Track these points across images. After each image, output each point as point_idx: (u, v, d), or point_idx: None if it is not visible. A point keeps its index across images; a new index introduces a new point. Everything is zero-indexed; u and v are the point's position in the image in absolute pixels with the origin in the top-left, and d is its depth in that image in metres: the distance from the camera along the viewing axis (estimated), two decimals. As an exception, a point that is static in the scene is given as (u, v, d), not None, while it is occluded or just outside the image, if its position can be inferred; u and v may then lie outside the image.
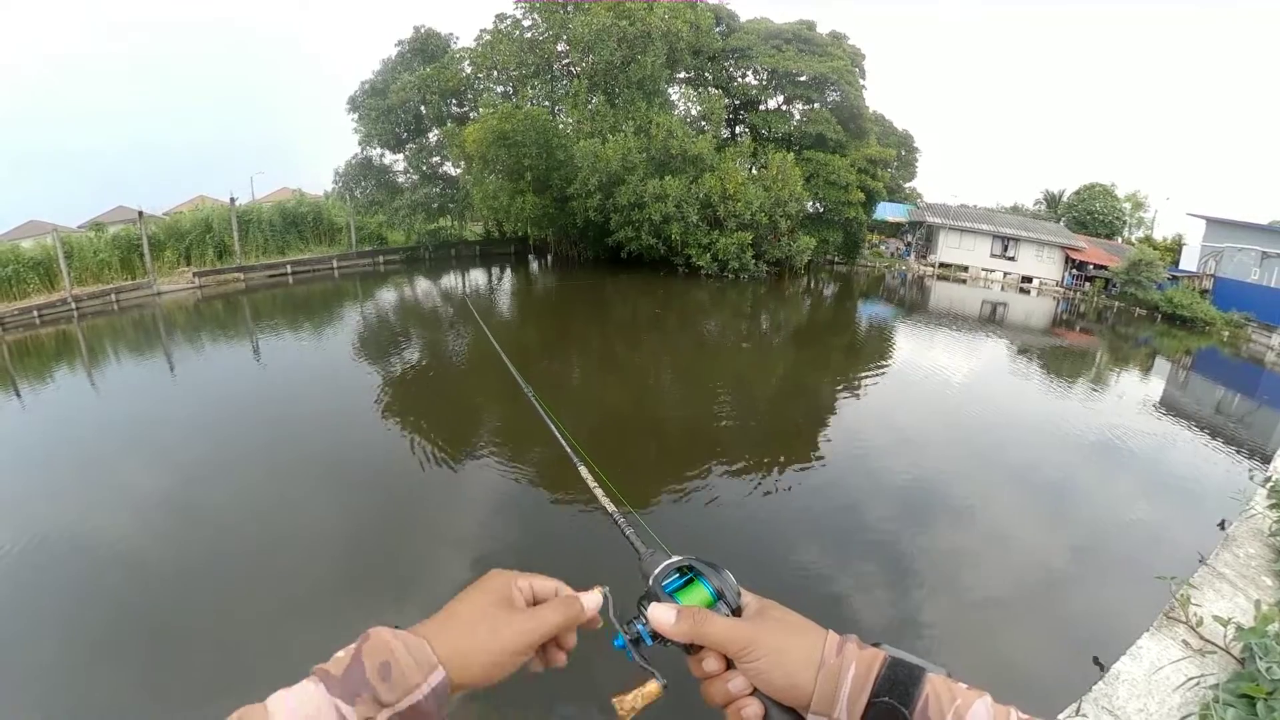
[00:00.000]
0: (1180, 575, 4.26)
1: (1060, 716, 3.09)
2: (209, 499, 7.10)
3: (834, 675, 0.63)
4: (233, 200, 22.28)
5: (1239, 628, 3.43)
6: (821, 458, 9.25)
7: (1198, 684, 3.17)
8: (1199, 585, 4.14)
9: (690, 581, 0.73)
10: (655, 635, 0.69)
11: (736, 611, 0.71)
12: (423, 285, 23.78)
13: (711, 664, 0.67)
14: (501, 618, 0.67)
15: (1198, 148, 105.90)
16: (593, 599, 0.73)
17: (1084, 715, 3.03)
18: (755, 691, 0.66)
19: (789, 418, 11.31)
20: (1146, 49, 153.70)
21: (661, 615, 0.68)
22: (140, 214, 19.36)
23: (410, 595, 5.39)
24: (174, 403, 10.52)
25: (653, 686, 0.69)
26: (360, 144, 28.09)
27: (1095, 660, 3.45)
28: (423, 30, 28.84)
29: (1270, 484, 5.76)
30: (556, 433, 1.12)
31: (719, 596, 0.71)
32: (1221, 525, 5.42)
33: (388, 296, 21.52)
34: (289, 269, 22.56)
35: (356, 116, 27.78)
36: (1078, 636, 5.42)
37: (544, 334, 16.54)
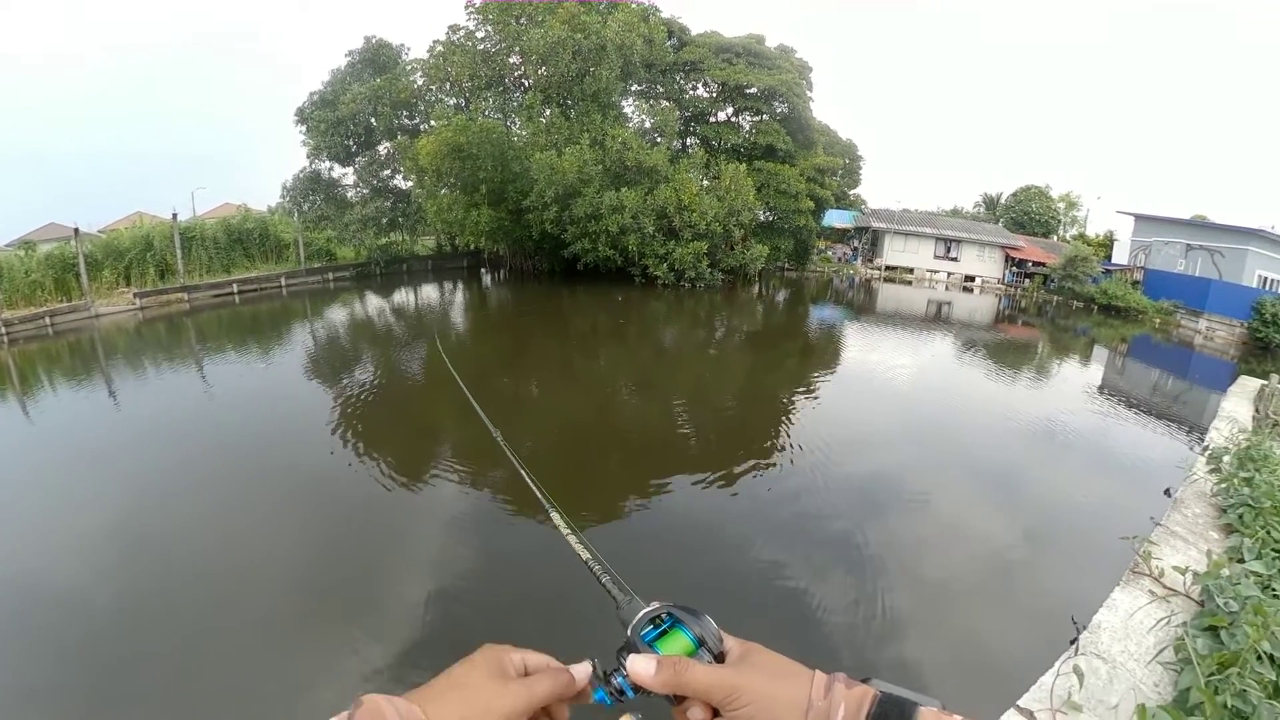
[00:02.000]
0: (1140, 535, 4.59)
1: (1058, 662, 3.33)
2: (156, 532, 6.64)
3: (822, 718, 0.62)
4: (174, 216, 21.51)
5: (1196, 574, 3.79)
6: (783, 456, 9.38)
7: (1168, 623, 3.50)
8: (1157, 542, 4.49)
9: (670, 629, 0.71)
10: (638, 688, 0.67)
11: (719, 657, 0.69)
12: (375, 302, 23.29)
13: (696, 714, 0.66)
14: (494, 687, 0.66)
15: (1126, 149, 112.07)
16: (583, 670, 0.72)
17: (1083, 654, 3.28)
18: None
19: (749, 421, 11.44)
20: (1074, 57, 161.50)
21: (641, 667, 0.67)
22: (76, 231, 18.44)
23: (374, 634, 5.09)
24: (116, 432, 9.85)
25: None
26: (309, 157, 27.69)
27: (1073, 620, 3.71)
28: (374, 41, 28.61)
29: (1208, 452, 6.21)
30: (529, 480, 1.12)
31: (700, 643, 0.69)
32: (1168, 492, 5.83)
33: (339, 315, 20.95)
34: (235, 288, 21.84)
35: (305, 129, 27.32)
36: (1051, 602, 5.78)
37: (501, 349, 16.43)
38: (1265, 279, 30.50)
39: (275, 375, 12.94)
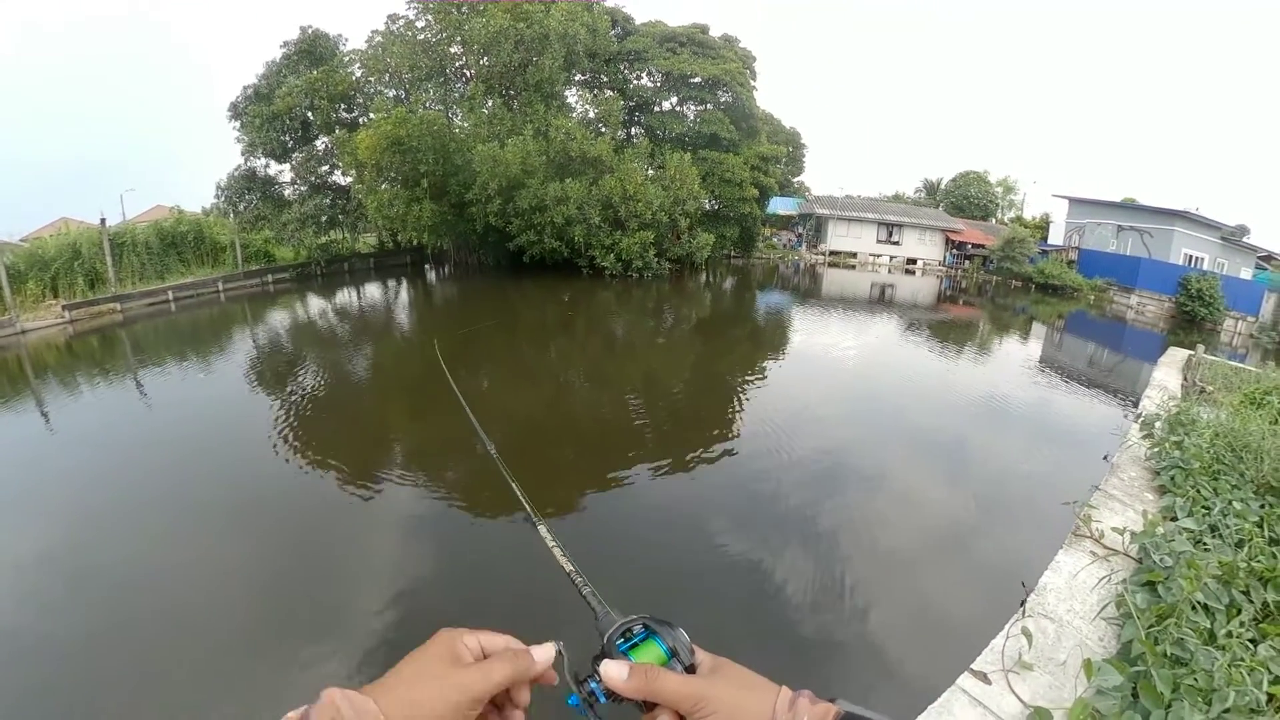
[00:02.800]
0: (1080, 500, 4.77)
1: (1006, 625, 3.43)
2: (100, 559, 6.18)
3: None
4: (103, 221, 20.14)
5: (1133, 533, 3.96)
6: (738, 439, 9.47)
7: (1109, 581, 3.66)
8: (1096, 506, 4.68)
9: (644, 641, 0.73)
10: (610, 693, 0.69)
11: (690, 669, 0.71)
12: (317, 304, 22.50)
13: (668, 718, 0.67)
14: (447, 673, 0.66)
15: (1060, 135, 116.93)
16: (544, 652, 0.72)
17: (1031, 615, 3.39)
18: None
19: (701, 407, 11.48)
20: (1010, 46, 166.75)
21: (614, 671, 0.68)
22: None
23: (348, 646, 4.97)
24: (51, 455, 9.06)
25: None
26: (243, 154, 26.54)
27: (1022, 584, 3.84)
28: (310, 31, 27.56)
29: (1141, 419, 6.48)
30: (518, 492, 1.11)
31: (673, 654, 0.71)
32: (1106, 458, 6.06)
33: (281, 319, 20.15)
34: (170, 295, 20.73)
35: (239, 124, 26.20)
36: (1000, 567, 6.00)
37: (450, 344, 16.10)
38: (1190, 257, 32.39)
39: (219, 386, 12.28)
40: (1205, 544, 3.85)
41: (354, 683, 0.63)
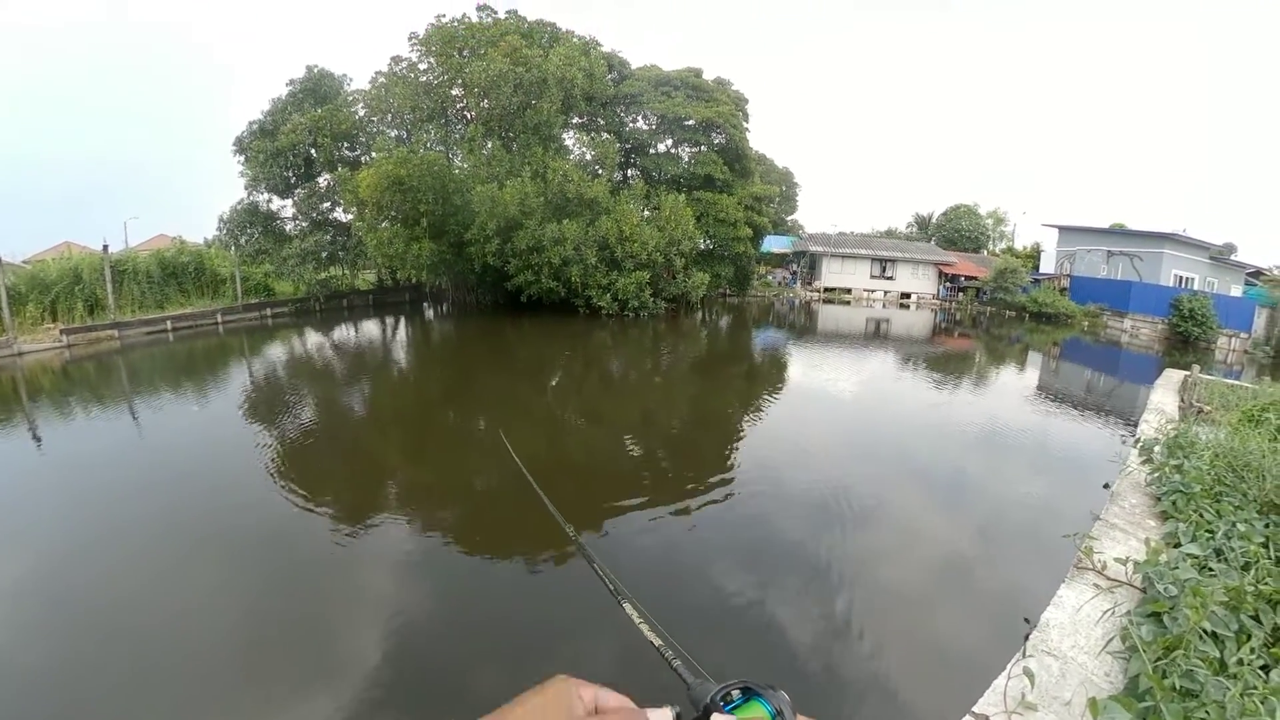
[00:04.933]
0: (1081, 531, 4.74)
1: (1009, 665, 3.37)
2: (91, 593, 5.95)
3: None
4: (105, 248, 20.26)
5: (1137, 563, 3.93)
6: (737, 476, 9.35)
7: (1113, 614, 3.61)
8: (1098, 536, 4.65)
9: (746, 702, 0.73)
10: None
11: None
12: (315, 339, 22.38)
13: None
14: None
15: (1047, 164, 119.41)
16: (661, 716, 0.68)
17: (1030, 656, 3.34)
18: None
19: (700, 446, 11.38)
20: (994, 79, 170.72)
21: None
22: None
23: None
24: (39, 479, 8.89)
25: None
26: (246, 188, 26.95)
27: (1025, 619, 3.80)
28: (315, 70, 28.27)
29: (1139, 444, 6.47)
30: (600, 574, 1.07)
31: (777, 715, 0.71)
32: (1106, 486, 6.04)
33: (278, 352, 20.00)
34: (169, 324, 20.80)
35: (243, 159, 26.63)
36: (1005, 603, 5.92)
37: (449, 382, 16.13)
38: (1181, 278, 33.03)
39: (209, 420, 12.05)
40: (1211, 569, 3.83)
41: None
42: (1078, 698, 3.11)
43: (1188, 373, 11.43)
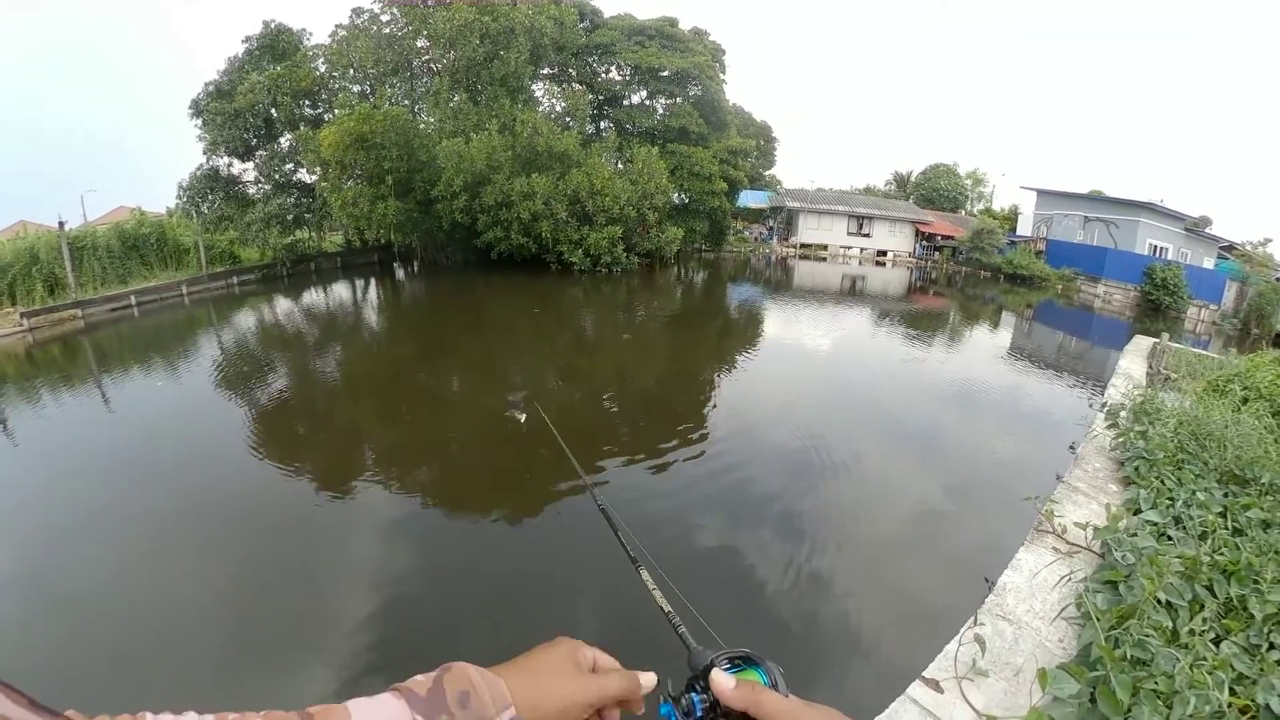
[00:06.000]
0: (1043, 494, 4.67)
1: (962, 630, 3.27)
2: (78, 569, 5.83)
3: None
4: (62, 225, 19.28)
5: (1096, 529, 3.86)
6: (708, 434, 9.29)
7: (1069, 580, 3.53)
8: (1059, 499, 4.55)
9: (745, 669, 0.76)
10: (706, 710, 0.72)
11: None
12: (283, 305, 21.81)
13: None
14: (571, 674, 0.72)
15: (1028, 127, 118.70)
16: (648, 678, 0.77)
17: (982, 624, 3.24)
18: None
19: (676, 401, 11.36)
20: (976, 39, 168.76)
21: (722, 681, 0.72)
22: None
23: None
24: (13, 469, 8.47)
25: None
26: (205, 153, 25.88)
27: (986, 580, 3.70)
28: (273, 26, 26.87)
29: (1106, 408, 6.42)
30: (619, 538, 1.06)
31: (772, 684, 0.73)
32: (1071, 448, 5.99)
33: (248, 321, 19.48)
34: (134, 300, 19.91)
35: (200, 122, 25.54)
36: (968, 561, 5.91)
37: (422, 344, 15.86)
38: (1155, 247, 33.05)
39: (184, 393, 11.70)
40: (1169, 536, 3.76)
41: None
42: (1029, 665, 3.01)
43: (1157, 340, 11.50)
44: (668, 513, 6.93)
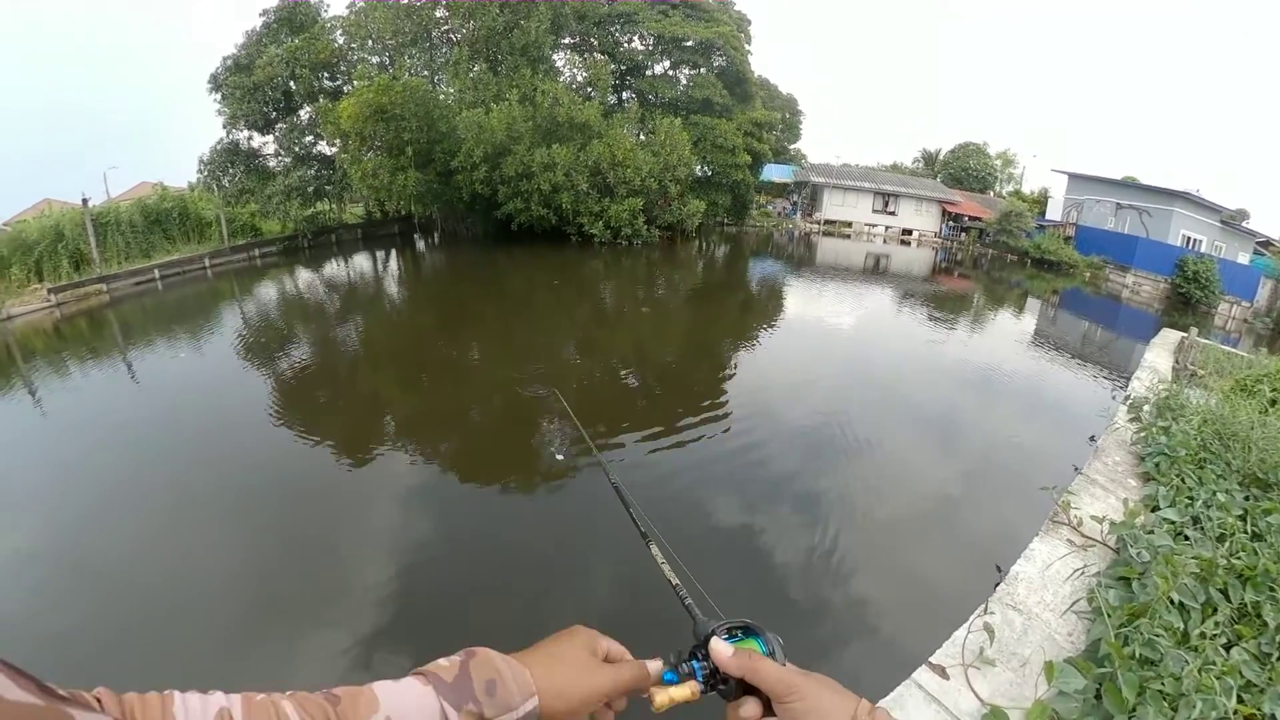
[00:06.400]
0: (1061, 484, 4.61)
1: (971, 617, 3.25)
2: (111, 535, 6.01)
3: None
4: (85, 201, 19.47)
5: (1112, 523, 3.79)
6: (724, 411, 9.31)
7: (1082, 574, 3.47)
8: (1077, 491, 4.48)
9: (745, 638, 0.79)
10: (707, 676, 0.77)
11: None
12: (305, 276, 22.04)
13: (750, 709, 0.73)
14: (590, 664, 0.75)
15: (1062, 109, 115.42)
16: (655, 666, 0.80)
17: (992, 613, 3.21)
18: None
19: (694, 377, 11.38)
20: (1016, 17, 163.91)
21: (721, 648, 0.76)
22: None
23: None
24: (46, 440, 8.63)
25: (693, 687, 0.77)
26: (225, 127, 25.94)
27: (997, 568, 3.66)
28: (289, -1, 26.74)
29: (1129, 401, 6.30)
30: (628, 509, 1.09)
31: (770, 654, 0.77)
32: (1092, 439, 5.90)
33: (270, 293, 19.73)
34: (157, 273, 20.23)
35: (220, 96, 25.53)
36: (981, 548, 5.86)
37: (441, 315, 15.94)
38: (1189, 238, 31.85)
39: (208, 365, 11.90)
40: (1186, 536, 3.67)
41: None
42: (1036, 656, 2.97)
43: (1185, 335, 11.20)
44: (680, 488, 6.94)
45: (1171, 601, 2.83)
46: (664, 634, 0.88)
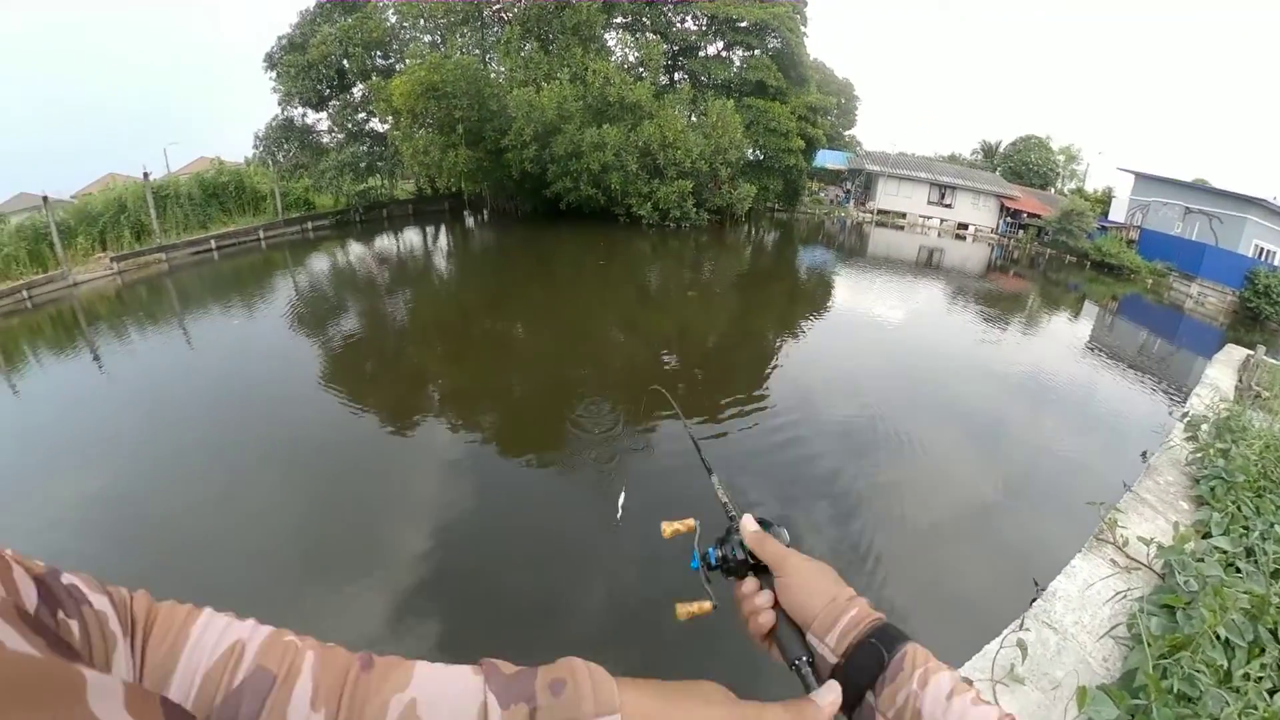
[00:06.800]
0: (1108, 501, 4.43)
1: (1005, 631, 3.16)
2: (170, 494, 6.33)
3: (838, 609, 0.80)
4: (146, 175, 20.31)
5: (1160, 547, 3.61)
6: (765, 400, 9.27)
7: (1124, 597, 3.32)
8: (1124, 510, 4.30)
9: (767, 529, 0.93)
10: (718, 559, 0.92)
11: None
12: (357, 250, 22.58)
13: (750, 584, 0.88)
14: (723, 704, 0.60)
15: (1131, 105, 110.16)
16: (831, 692, 0.70)
17: (1027, 629, 3.12)
18: (775, 607, 0.84)
19: (737, 363, 11.37)
20: (1086, 9, 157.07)
21: (748, 521, 0.92)
22: (45, 199, 17.52)
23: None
24: (109, 400, 9.08)
25: (707, 604, 0.91)
26: (280, 104, 26.63)
27: (1035, 582, 3.54)
28: (343, -22, 27.09)
29: (1187, 419, 6.03)
30: (699, 452, 1.21)
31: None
32: (1144, 456, 5.65)
33: (322, 265, 20.37)
34: (214, 244, 21.02)
35: (275, 74, 26.17)
36: (1018, 560, 5.70)
37: (489, 291, 16.15)
38: (1261, 249, 29.66)
39: (269, 331, 12.40)
40: (1238, 568, 3.44)
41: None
42: (1069, 679, 2.85)
43: (1251, 352, 10.61)
44: (726, 467, 6.91)
45: (1217, 636, 2.66)
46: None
